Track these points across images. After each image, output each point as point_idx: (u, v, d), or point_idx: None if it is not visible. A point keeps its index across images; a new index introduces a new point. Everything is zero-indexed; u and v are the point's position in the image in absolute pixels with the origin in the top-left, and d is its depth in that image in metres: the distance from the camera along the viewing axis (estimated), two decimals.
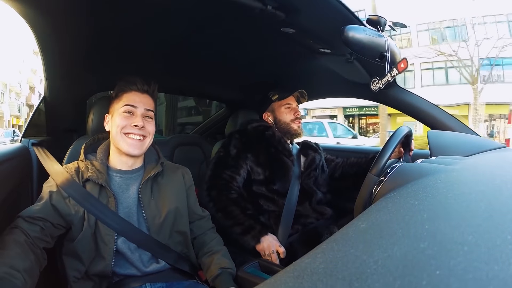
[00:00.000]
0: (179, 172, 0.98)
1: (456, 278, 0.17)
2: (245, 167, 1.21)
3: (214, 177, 1.19)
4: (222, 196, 1.14)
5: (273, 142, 1.24)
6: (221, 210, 1.11)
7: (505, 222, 0.23)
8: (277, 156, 1.23)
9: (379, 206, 0.36)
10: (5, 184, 0.85)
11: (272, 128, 1.28)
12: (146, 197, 0.87)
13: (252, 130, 1.28)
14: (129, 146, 0.85)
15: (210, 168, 1.22)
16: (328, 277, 0.21)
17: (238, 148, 1.22)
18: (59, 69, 1.04)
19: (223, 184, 1.17)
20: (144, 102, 0.88)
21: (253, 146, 1.23)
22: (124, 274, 0.84)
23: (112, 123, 0.88)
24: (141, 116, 0.86)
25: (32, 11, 0.72)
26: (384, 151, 0.75)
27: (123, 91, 0.88)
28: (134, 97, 0.87)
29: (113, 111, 0.88)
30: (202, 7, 0.78)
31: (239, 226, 1.08)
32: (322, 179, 1.32)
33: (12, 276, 0.61)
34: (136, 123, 0.85)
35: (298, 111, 1.32)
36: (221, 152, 1.24)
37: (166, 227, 0.87)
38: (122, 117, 0.85)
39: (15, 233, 0.71)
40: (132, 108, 0.86)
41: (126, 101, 0.86)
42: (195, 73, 1.38)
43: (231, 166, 1.20)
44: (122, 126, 0.85)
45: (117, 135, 0.85)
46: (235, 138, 1.26)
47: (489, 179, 0.40)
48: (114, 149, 0.89)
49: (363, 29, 0.79)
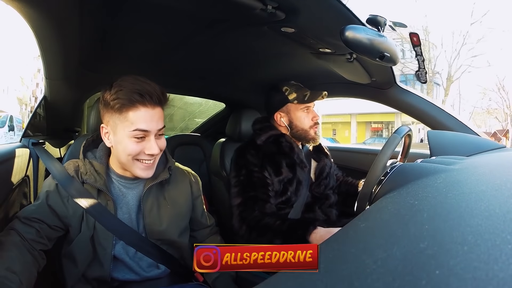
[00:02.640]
0: (187, 181, 0.90)
1: (456, 278, 0.17)
2: (271, 183, 1.08)
3: (245, 202, 1.04)
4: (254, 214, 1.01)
5: (292, 154, 1.13)
6: (254, 228, 0.99)
7: (505, 222, 0.23)
8: (293, 168, 1.12)
9: (379, 206, 0.36)
10: (5, 184, 0.85)
11: (286, 137, 1.15)
12: (148, 205, 0.81)
13: (264, 145, 1.14)
14: (142, 171, 0.75)
15: (238, 194, 1.07)
16: (328, 277, 0.21)
17: (259, 165, 1.09)
18: (59, 69, 1.04)
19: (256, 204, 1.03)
20: (156, 120, 0.72)
21: (272, 160, 1.11)
22: (123, 279, 0.82)
23: (116, 142, 0.74)
24: (155, 138, 0.73)
25: (32, 11, 0.72)
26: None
27: (128, 107, 0.69)
28: (145, 117, 0.70)
29: (115, 129, 0.72)
30: (202, 7, 0.78)
31: (278, 236, 0.94)
32: (332, 183, 1.26)
33: (8, 280, 0.60)
34: (151, 152, 0.72)
35: (317, 115, 1.17)
36: (242, 176, 1.09)
37: (165, 237, 0.83)
38: (132, 143, 0.71)
39: (11, 234, 0.70)
40: (144, 133, 0.71)
41: (135, 124, 0.69)
42: (195, 72, 1.37)
43: (261, 186, 1.06)
44: (134, 154, 0.72)
45: (127, 161, 0.74)
46: (251, 155, 1.11)
47: (489, 179, 0.40)
48: (118, 163, 0.79)
49: (363, 29, 0.79)
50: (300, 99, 1.15)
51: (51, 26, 0.79)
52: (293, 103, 1.15)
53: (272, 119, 1.20)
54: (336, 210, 1.22)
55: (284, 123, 1.16)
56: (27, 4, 0.70)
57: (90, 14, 0.78)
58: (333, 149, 1.57)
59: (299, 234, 0.91)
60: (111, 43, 0.99)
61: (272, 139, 1.14)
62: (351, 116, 17.04)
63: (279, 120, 1.17)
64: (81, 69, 1.09)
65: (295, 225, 0.94)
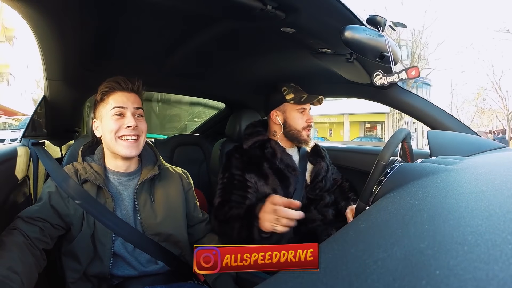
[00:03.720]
0: (176, 176, 0.96)
1: (456, 278, 0.17)
2: (252, 186, 1.12)
3: (224, 203, 1.07)
4: (225, 211, 1.03)
5: (275, 160, 1.15)
6: (223, 221, 1.00)
7: (505, 222, 0.23)
8: (280, 173, 1.15)
9: (379, 206, 0.36)
10: (5, 184, 0.85)
11: (271, 143, 1.18)
12: (142, 200, 0.86)
13: (249, 149, 1.18)
14: (126, 148, 0.83)
15: (219, 195, 1.11)
16: (328, 277, 0.21)
17: (241, 168, 1.13)
18: (59, 69, 1.04)
19: (234, 205, 1.05)
20: (132, 100, 0.85)
21: (256, 164, 1.14)
22: (123, 275, 0.84)
23: (103, 128, 0.85)
24: (132, 115, 0.84)
25: (33, 11, 0.72)
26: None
27: (107, 93, 0.85)
28: (121, 97, 0.84)
29: (101, 116, 0.85)
30: (202, 7, 0.78)
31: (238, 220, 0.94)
32: (328, 185, 1.27)
33: (10, 280, 0.60)
34: (129, 124, 0.82)
35: (311, 118, 1.21)
36: (225, 179, 1.13)
37: (162, 230, 0.86)
38: (113, 120, 0.82)
39: (14, 234, 0.71)
40: (121, 110, 0.83)
41: (114, 103, 0.83)
42: (195, 72, 1.37)
43: (240, 189, 1.10)
44: (115, 129, 0.82)
45: (111, 140, 0.83)
46: (236, 158, 1.16)
47: (489, 179, 0.40)
48: (109, 154, 0.87)
49: (363, 29, 0.79)
50: (297, 100, 1.18)
51: (51, 26, 0.79)
52: (289, 103, 1.19)
53: (268, 117, 1.24)
54: (332, 209, 1.23)
55: (279, 121, 1.20)
56: (27, 4, 0.70)
57: (90, 15, 0.79)
58: (333, 149, 1.58)
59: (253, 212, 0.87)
60: (110, 43, 0.99)
61: (257, 144, 1.18)
62: (344, 116, 18.29)
63: (274, 118, 1.21)
64: (81, 69, 1.09)
65: (251, 207, 0.92)
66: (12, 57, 15.07)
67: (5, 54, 14.62)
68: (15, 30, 14.47)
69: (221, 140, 1.51)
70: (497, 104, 15.59)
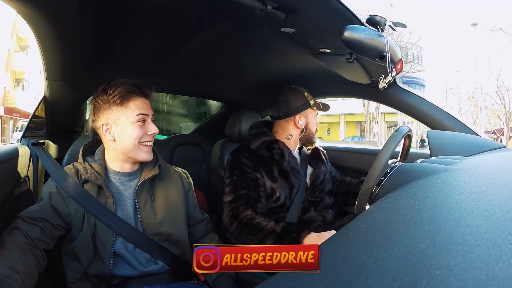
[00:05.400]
0: (177, 175, 0.97)
1: (456, 278, 0.17)
2: (262, 185, 1.13)
3: (236, 199, 1.08)
4: (246, 212, 1.04)
5: (283, 161, 1.17)
6: (246, 226, 1.00)
7: (505, 222, 0.23)
8: (286, 175, 1.17)
9: (379, 206, 0.36)
10: (5, 184, 0.85)
11: (278, 144, 1.19)
12: (142, 200, 0.87)
13: (257, 150, 1.19)
14: (147, 153, 0.85)
15: (230, 192, 1.11)
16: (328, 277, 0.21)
17: (252, 167, 1.14)
18: (59, 70, 1.04)
19: (248, 202, 1.07)
20: (149, 106, 0.86)
21: (265, 164, 1.16)
22: (123, 275, 0.84)
23: (120, 133, 0.83)
24: (152, 121, 0.86)
25: (32, 11, 0.72)
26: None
27: (127, 98, 0.82)
28: (142, 104, 0.84)
29: (118, 120, 0.82)
30: (202, 7, 0.78)
31: (271, 237, 0.96)
32: (327, 188, 1.29)
33: (11, 279, 0.60)
34: (153, 131, 0.84)
35: (318, 122, 1.29)
36: (235, 176, 1.14)
37: (162, 230, 0.87)
38: (137, 127, 0.82)
39: (15, 234, 0.71)
40: (145, 117, 0.84)
41: (137, 110, 0.82)
42: (195, 73, 1.37)
43: (252, 187, 1.11)
44: (140, 136, 0.83)
45: (133, 146, 0.83)
46: (245, 157, 1.16)
47: (489, 179, 0.40)
48: (117, 156, 0.86)
49: (363, 29, 0.79)
50: (318, 106, 1.25)
51: (51, 26, 0.79)
52: (312, 108, 1.24)
53: (288, 120, 1.23)
54: (332, 210, 1.24)
55: (302, 125, 1.23)
56: (27, 4, 0.70)
57: (90, 15, 0.79)
58: (332, 149, 1.57)
59: (293, 236, 0.94)
60: (111, 43, 0.99)
61: (265, 145, 1.19)
62: (339, 117, 19.32)
63: (297, 122, 1.22)
64: (81, 70, 1.09)
65: (290, 227, 0.97)
66: (27, 64, 15.75)
67: (21, 62, 15.43)
68: (29, 40, 15.15)
69: (221, 140, 1.51)
70: (497, 103, 15.61)
